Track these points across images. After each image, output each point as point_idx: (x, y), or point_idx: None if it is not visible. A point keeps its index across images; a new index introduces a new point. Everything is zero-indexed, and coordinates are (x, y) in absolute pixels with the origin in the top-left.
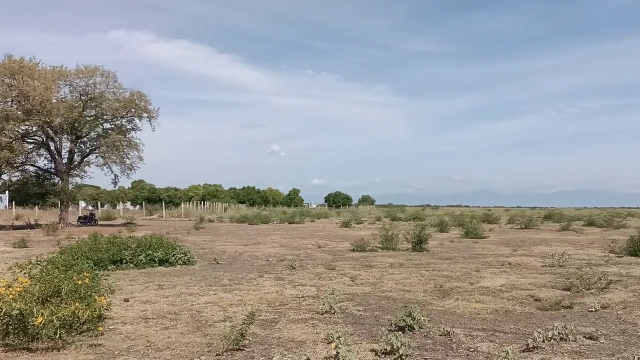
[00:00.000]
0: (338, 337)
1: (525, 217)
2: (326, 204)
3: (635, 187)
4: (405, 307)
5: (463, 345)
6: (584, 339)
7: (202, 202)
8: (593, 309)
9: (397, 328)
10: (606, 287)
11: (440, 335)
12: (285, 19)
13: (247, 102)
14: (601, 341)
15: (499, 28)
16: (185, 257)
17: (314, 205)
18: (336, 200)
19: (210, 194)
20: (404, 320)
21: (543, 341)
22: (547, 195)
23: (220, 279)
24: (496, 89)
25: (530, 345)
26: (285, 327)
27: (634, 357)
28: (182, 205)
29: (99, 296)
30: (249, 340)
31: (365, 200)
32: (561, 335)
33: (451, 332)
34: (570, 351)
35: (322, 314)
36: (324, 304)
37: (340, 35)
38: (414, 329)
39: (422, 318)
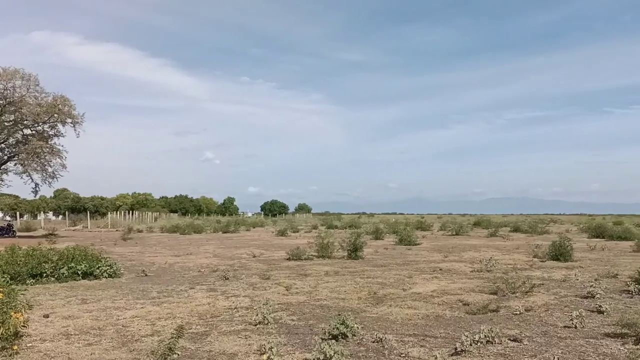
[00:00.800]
0: (270, 348)
1: (456, 224)
2: (262, 212)
3: (557, 195)
4: (339, 315)
5: (395, 351)
6: (509, 341)
7: (131, 212)
8: (518, 312)
9: (330, 336)
10: (530, 290)
11: (373, 342)
12: (220, 25)
13: (180, 109)
14: (525, 343)
15: (430, 41)
16: (111, 270)
17: (249, 214)
18: (272, 209)
19: (139, 203)
20: (337, 328)
21: (470, 344)
22: (477, 202)
23: (148, 291)
24: (428, 99)
25: (459, 349)
26: (216, 340)
27: (554, 357)
28: (109, 215)
29: (15, 312)
30: (178, 355)
31: (302, 208)
32: (487, 339)
33: (383, 338)
34: (496, 353)
35: (255, 325)
36: (257, 315)
37: (276, 43)
38: (347, 336)
39: (355, 326)
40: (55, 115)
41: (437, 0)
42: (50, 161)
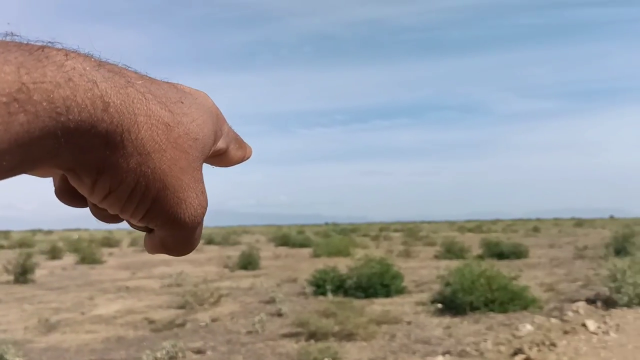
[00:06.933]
0: None
1: None
2: None
3: (251, 207)
4: None
5: None
6: (193, 354)
7: None
8: (204, 324)
9: None
10: (218, 301)
11: None
12: None
13: None
14: (208, 353)
15: (119, 45)
16: None
17: None
18: None
19: None
20: None
21: None
22: None
23: None
24: None
25: None
26: None
27: None
28: None
29: None
30: None
31: None
32: (170, 354)
33: None
34: None
35: None
36: None
37: None
38: None
39: (17, 359)
40: None
41: (125, 4)
42: None
